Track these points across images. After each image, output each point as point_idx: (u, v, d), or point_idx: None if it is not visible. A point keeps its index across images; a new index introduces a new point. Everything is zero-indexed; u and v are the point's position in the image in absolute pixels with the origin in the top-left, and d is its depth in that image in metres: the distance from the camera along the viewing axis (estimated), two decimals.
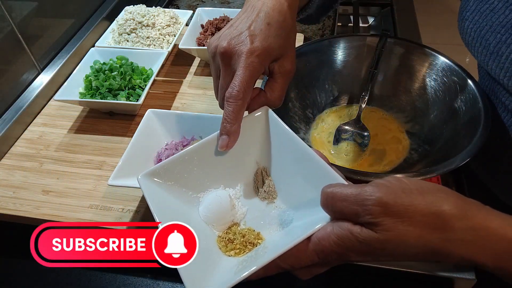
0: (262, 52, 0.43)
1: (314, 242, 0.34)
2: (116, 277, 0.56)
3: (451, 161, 0.49)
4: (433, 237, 0.29)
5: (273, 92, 0.46)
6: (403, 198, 0.30)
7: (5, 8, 0.72)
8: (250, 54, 0.42)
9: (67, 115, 0.77)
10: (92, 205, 0.61)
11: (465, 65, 0.60)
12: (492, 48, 0.49)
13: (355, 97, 0.69)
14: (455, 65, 0.61)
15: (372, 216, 0.30)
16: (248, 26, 0.44)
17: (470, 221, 0.29)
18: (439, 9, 2.65)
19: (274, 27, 0.44)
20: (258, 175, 0.47)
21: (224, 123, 0.43)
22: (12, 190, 0.64)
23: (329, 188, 0.34)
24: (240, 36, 0.44)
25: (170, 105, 0.79)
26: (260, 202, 0.46)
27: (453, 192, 0.31)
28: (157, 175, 0.43)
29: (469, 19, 0.53)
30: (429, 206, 0.30)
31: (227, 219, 0.44)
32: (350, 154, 0.62)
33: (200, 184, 0.46)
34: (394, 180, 0.32)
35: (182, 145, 0.63)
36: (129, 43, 0.87)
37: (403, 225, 0.29)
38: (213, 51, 0.46)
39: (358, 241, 0.31)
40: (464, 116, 0.58)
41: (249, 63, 0.42)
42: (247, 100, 0.44)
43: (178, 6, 1.16)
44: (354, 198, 0.31)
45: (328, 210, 0.34)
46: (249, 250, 0.41)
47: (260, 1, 0.46)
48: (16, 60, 0.77)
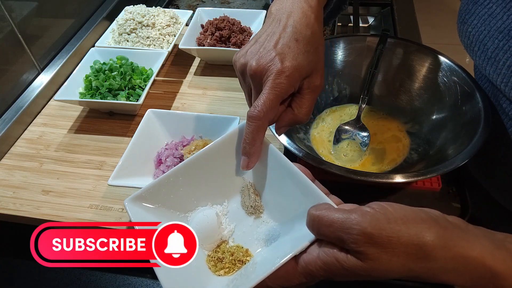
0: (292, 72, 0.41)
1: (301, 266, 0.35)
2: (116, 277, 0.56)
3: (451, 161, 0.49)
4: (415, 266, 0.31)
5: (301, 108, 0.44)
6: (387, 229, 0.31)
7: (5, 8, 0.72)
8: (279, 74, 0.41)
9: (67, 115, 0.77)
10: (92, 205, 0.61)
11: (465, 65, 0.60)
12: (490, 53, 0.49)
13: (355, 97, 0.69)
14: (455, 65, 0.61)
15: (356, 245, 0.31)
16: (275, 43, 0.42)
17: (451, 251, 0.30)
18: (439, 9, 2.65)
19: (303, 43, 0.43)
20: (245, 191, 0.48)
21: (244, 144, 0.42)
22: (12, 190, 0.64)
23: (315, 211, 0.34)
24: (269, 55, 0.42)
25: (170, 105, 0.79)
26: (247, 217, 0.46)
27: (436, 221, 0.32)
28: (143, 199, 0.43)
29: (468, 23, 0.52)
30: (412, 238, 0.31)
31: (216, 238, 0.44)
32: (350, 154, 0.62)
33: (187, 203, 0.46)
34: (379, 208, 0.32)
35: (182, 145, 0.63)
36: (129, 43, 0.87)
37: (387, 255, 0.31)
38: (242, 69, 0.44)
39: (343, 268, 0.32)
40: (464, 116, 0.58)
41: (277, 84, 0.41)
42: (269, 121, 0.42)
43: (178, 6, 1.16)
44: (339, 225, 0.32)
45: (314, 232, 0.35)
46: (238, 268, 0.41)
47: (285, 14, 0.44)
48: (16, 60, 0.77)
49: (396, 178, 0.48)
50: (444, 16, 2.44)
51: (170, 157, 0.61)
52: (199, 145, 0.60)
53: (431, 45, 0.65)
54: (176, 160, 0.61)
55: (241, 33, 0.86)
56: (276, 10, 0.46)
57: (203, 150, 0.46)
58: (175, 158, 0.61)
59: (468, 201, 0.57)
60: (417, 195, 0.59)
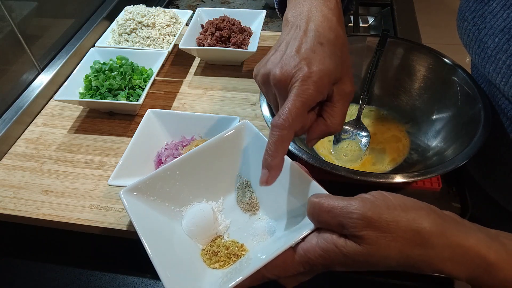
0: (321, 77, 0.38)
1: (299, 254, 0.34)
2: (116, 277, 0.56)
3: (451, 161, 0.49)
4: (413, 253, 0.31)
5: (334, 118, 0.41)
6: (387, 214, 0.31)
7: (5, 8, 0.72)
8: (306, 79, 0.38)
9: (67, 115, 0.77)
10: (92, 205, 0.61)
11: (465, 65, 0.60)
12: (490, 51, 0.48)
13: (355, 97, 0.69)
14: (455, 65, 0.61)
15: (356, 229, 0.31)
16: (297, 49, 0.39)
17: (448, 239, 0.31)
18: (439, 9, 2.65)
19: (328, 46, 0.40)
20: (241, 188, 0.48)
21: (265, 156, 0.38)
22: (12, 190, 0.64)
23: (316, 198, 0.35)
24: (293, 61, 0.39)
25: (170, 105, 0.79)
26: (243, 214, 0.46)
27: (434, 210, 0.32)
28: (139, 190, 0.43)
29: (468, 20, 0.52)
30: (410, 223, 0.31)
31: (211, 232, 0.44)
32: (350, 154, 0.62)
33: (183, 198, 0.46)
34: (379, 196, 0.33)
35: (182, 145, 0.63)
36: (129, 43, 0.87)
37: (386, 240, 0.31)
38: (264, 80, 0.41)
39: (342, 254, 0.32)
40: (464, 116, 0.58)
41: (303, 90, 0.38)
42: (295, 131, 0.38)
43: (178, 6, 1.16)
44: (340, 210, 0.32)
45: (313, 220, 0.35)
46: (233, 261, 0.41)
47: (304, 19, 0.41)
48: (16, 60, 0.77)
49: (396, 178, 0.48)
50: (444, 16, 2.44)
51: (170, 157, 0.61)
52: (199, 145, 0.60)
53: (431, 45, 0.65)
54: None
55: (241, 33, 0.86)
56: (293, 16, 0.43)
57: (201, 147, 0.46)
58: (175, 158, 0.61)
59: (468, 201, 0.57)
60: (417, 195, 0.59)
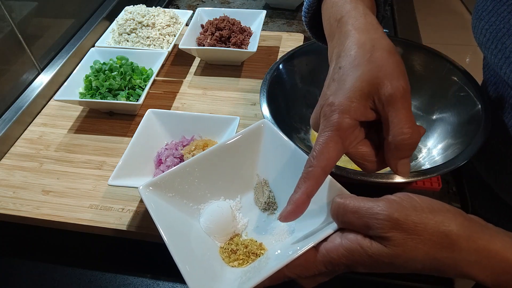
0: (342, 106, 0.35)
1: (322, 254, 0.34)
2: (116, 277, 0.56)
3: (451, 161, 0.49)
4: (440, 255, 0.30)
5: (393, 128, 0.35)
6: (414, 216, 0.31)
7: (5, 8, 0.72)
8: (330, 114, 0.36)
9: (67, 115, 0.77)
10: (92, 205, 0.61)
11: (465, 65, 0.60)
12: (508, 52, 0.47)
13: None
14: (455, 65, 0.61)
15: (382, 230, 0.31)
16: (327, 86, 0.38)
17: (475, 243, 0.30)
18: (439, 9, 2.65)
19: (347, 65, 0.37)
20: (259, 187, 0.47)
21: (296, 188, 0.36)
22: (12, 190, 0.64)
23: (341, 199, 0.34)
24: (322, 101, 0.38)
25: (170, 105, 0.79)
26: (261, 214, 0.46)
27: (461, 213, 0.32)
28: (158, 186, 0.43)
29: (485, 19, 0.51)
30: (438, 225, 0.30)
31: (229, 230, 0.44)
32: None
33: (201, 195, 0.46)
34: (405, 197, 0.32)
35: (182, 145, 0.63)
36: (129, 43, 0.87)
37: (413, 241, 0.30)
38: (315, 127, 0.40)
39: (367, 255, 0.32)
40: (464, 116, 0.58)
41: (328, 124, 0.36)
42: (322, 168, 0.35)
43: (178, 6, 1.16)
44: (365, 211, 0.32)
45: (337, 220, 0.35)
46: (252, 260, 0.41)
47: (335, 54, 0.40)
48: (16, 60, 0.77)
49: (396, 178, 0.48)
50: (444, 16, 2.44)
51: (170, 157, 0.61)
52: (199, 145, 0.60)
53: (431, 45, 0.65)
54: (176, 160, 0.61)
55: (241, 33, 0.86)
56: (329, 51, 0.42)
57: (220, 145, 0.46)
58: (175, 158, 0.61)
59: (468, 201, 0.57)
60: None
